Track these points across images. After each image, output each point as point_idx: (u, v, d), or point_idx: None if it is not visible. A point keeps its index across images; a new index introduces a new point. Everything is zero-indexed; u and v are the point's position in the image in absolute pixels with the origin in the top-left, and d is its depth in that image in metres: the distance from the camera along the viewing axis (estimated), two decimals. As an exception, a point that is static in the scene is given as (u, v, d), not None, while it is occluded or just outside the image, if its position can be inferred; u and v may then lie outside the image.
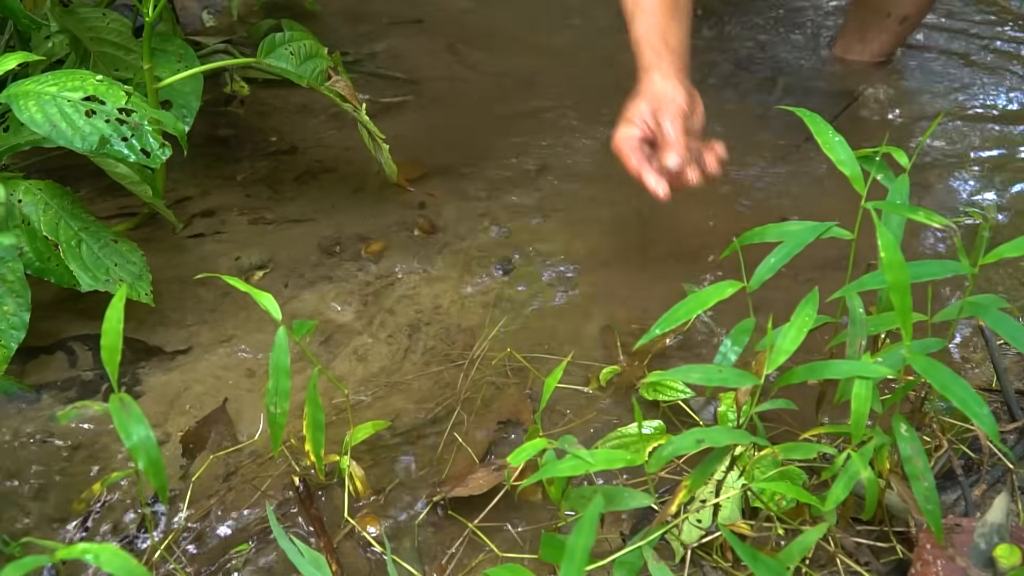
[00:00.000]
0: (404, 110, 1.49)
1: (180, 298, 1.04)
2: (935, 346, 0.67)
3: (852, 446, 0.64)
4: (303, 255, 1.13)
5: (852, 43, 1.62)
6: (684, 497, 0.66)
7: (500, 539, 0.76)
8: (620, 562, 0.64)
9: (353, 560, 0.75)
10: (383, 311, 1.04)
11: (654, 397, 0.87)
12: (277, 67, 1.09)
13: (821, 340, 0.84)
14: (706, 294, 0.70)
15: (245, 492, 0.81)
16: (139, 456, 0.57)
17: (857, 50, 1.62)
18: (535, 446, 0.67)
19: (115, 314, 0.58)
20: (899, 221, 0.71)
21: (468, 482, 0.79)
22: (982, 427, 0.59)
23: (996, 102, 1.51)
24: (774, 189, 1.26)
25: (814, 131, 0.73)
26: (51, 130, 0.86)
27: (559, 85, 1.55)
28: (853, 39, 1.62)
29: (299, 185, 1.28)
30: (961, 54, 1.66)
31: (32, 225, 0.93)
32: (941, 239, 1.16)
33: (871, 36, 1.59)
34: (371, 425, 0.82)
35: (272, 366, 0.69)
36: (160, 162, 0.89)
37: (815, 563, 0.72)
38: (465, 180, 1.29)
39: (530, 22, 1.78)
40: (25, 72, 1.08)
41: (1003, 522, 0.66)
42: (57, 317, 1.00)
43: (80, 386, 0.92)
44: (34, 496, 0.80)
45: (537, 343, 0.99)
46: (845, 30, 1.64)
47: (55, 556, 0.46)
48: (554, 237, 1.17)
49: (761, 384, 0.65)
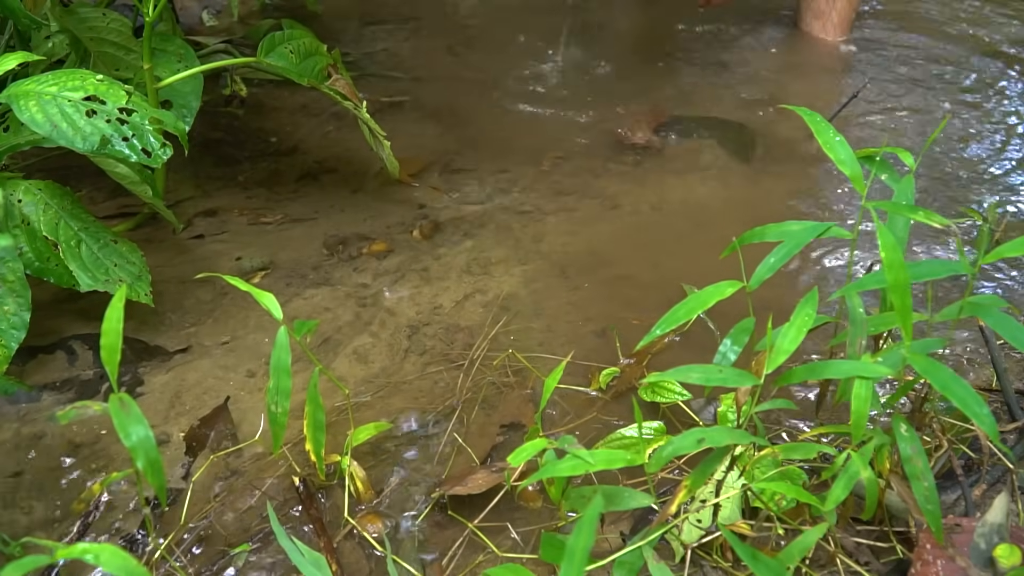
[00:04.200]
0: (404, 109, 1.49)
1: (180, 298, 1.04)
2: (935, 346, 0.67)
3: (852, 446, 0.64)
4: (304, 255, 1.13)
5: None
6: (684, 497, 0.66)
7: (500, 539, 0.76)
8: (620, 562, 0.64)
9: (353, 560, 0.75)
10: (383, 311, 1.04)
11: (652, 399, 0.87)
12: (277, 66, 1.09)
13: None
14: (706, 294, 0.70)
15: (245, 492, 0.81)
16: (138, 456, 0.57)
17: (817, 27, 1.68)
18: (535, 446, 0.67)
19: (115, 314, 0.58)
20: (904, 222, 0.71)
21: (468, 482, 0.79)
22: (982, 427, 0.59)
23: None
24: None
25: (814, 130, 0.72)
26: (52, 130, 0.86)
27: (559, 85, 1.55)
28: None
29: (299, 185, 1.28)
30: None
31: (32, 225, 0.93)
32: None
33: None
34: (373, 426, 0.82)
35: (273, 365, 0.68)
36: (161, 162, 0.89)
37: (815, 563, 0.72)
38: (465, 179, 1.29)
39: (530, 22, 1.78)
40: (25, 72, 1.08)
41: (1003, 522, 0.66)
42: (57, 317, 1.00)
43: (80, 386, 0.92)
44: (34, 496, 0.80)
45: (537, 343, 0.99)
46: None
47: (55, 556, 0.46)
48: (554, 236, 1.17)
49: (761, 384, 0.65)
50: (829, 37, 1.69)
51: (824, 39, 1.69)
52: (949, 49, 1.69)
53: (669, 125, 1.43)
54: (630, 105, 1.48)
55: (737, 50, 1.68)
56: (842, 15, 1.68)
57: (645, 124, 1.41)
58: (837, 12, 1.67)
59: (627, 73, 1.59)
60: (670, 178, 1.30)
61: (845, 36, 1.70)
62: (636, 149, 1.36)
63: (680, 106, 1.50)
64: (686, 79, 1.59)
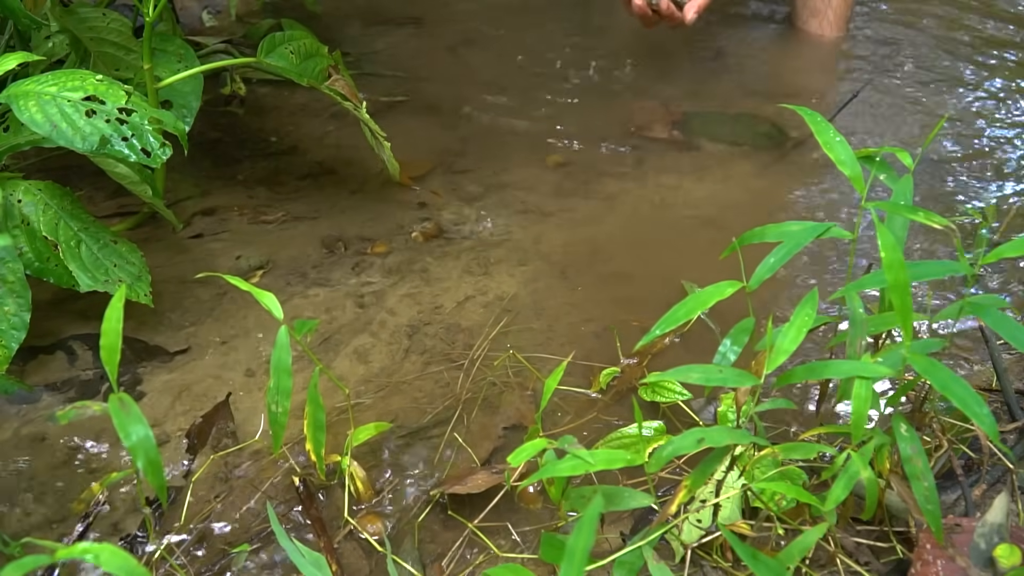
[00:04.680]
0: (404, 109, 1.49)
1: (180, 298, 1.04)
2: (935, 346, 0.67)
3: (852, 446, 0.64)
4: (304, 255, 1.13)
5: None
6: (684, 497, 0.66)
7: (500, 539, 0.76)
8: (620, 562, 0.64)
9: (353, 560, 0.75)
10: (383, 311, 1.04)
11: (652, 398, 0.87)
12: (277, 66, 1.09)
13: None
14: (706, 294, 0.70)
15: (245, 492, 0.81)
16: (138, 456, 0.57)
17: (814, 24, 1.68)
18: (535, 446, 0.67)
19: (114, 314, 0.58)
20: (902, 222, 0.71)
21: (468, 481, 0.79)
22: (982, 427, 0.59)
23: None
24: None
25: (814, 130, 0.72)
26: (51, 130, 0.86)
27: (560, 85, 1.55)
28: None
29: (300, 185, 1.28)
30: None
31: (32, 225, 0.93)
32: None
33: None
34: (373, 426, 0.82)
35: (273, 365, 0.68)
36: (160, 162, 0.89)
37: (815, 563, 0.72)
38: (466, 179, 1.29)
39: (531, 22, 1.78)
40: (25, 72, 1.08)
41: (1003, 522, 0.66)
42: (57, 317, 1.00)
43: (80, 386, 0.92)
44: (34, 496, 0.80)
45: (537, 343, 0.99)
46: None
47: (55, 556, 0.46)
48: (554, 237, 1.17)
49: (761, 384, 0.65)
50: (826, 34, 1.69)
51: (821, 36, 1.69)
52: (949, 47, 1.69)
53: (682, 122, 1.43)
54: (643, 102, 1.48)
55: (734, 48, 1.68)
56: (838, 12, 1.68)
57: (661, 120, 1.41)
58: (833, 10, 1.67)
59: (627, 72, 1.59)
60: (671, 178, 1.30)
61: (842, 33, 1.70)
62: (640, 148, 1.36)
63: (684, 102, 1.50)
64: (685, 76, 1.59)
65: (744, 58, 1.64)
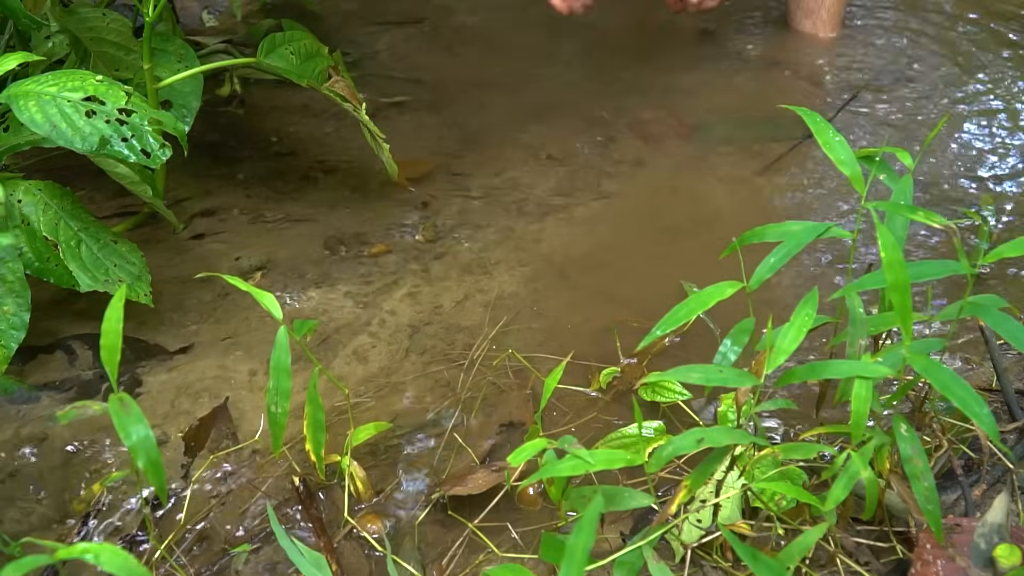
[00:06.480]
0: (404, 110, 1.48)
1: (180, 298, 1.04)
2: (935, 346, 0.67)
3: (852, 446, 0.64)
4: (304, 255, 1.13)
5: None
6: (684, 497, 0.66)
7: (500, 539, 0.76)
8: (620, 562, 0.64)
9: (353, 560, 0.75)
10: (383, 311, 1.04)
11: (652, 398, 0.87)
12: (277, 67, 1.09)
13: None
14: (706, 294, 0.70)
15: (245, 492, 0.81)
16: (138, 456, 0.57)
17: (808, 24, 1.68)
18: (535, 446, 0.67)
19: (114, 314, 0.58)
20: (902, 222, 0.71)
21: (468, 482, 0.79)
22: (982, 427, 0.59)
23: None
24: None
25: (814, 130, 0.72)
26: (51, 130, 0.86)
27: (560, 85, 1.55)
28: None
29: (299, 185, 1.28)
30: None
31: (32, 225, 0.93)
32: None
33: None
34: (373, 426, 0.82)
35: (273, 365, 0.69)
36: (160, 162, 0.89)
37: (815, 563, 0.72)
38: (466, 180, 1.29)
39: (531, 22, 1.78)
40: (25, 72, 1.08)
41: (1003, 522, 0.66)
42: (57, 317, 1.00)
43: (80, 386, 0.92)
44: (34, 496, 0.80)
45: (537, 343, 0.99)
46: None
47: (55, 556, 0.46)
48: (554, 237, 1.17)
49: (761, 384, 0.65)
50: (820, 34, 1.69)
51: (815, 36, 1.69)
52: (948, 45, 1.69)
53: (682, 123, 1.43)
54: (643, 102, 1.48)
55: (730, 48, 1.68)
56: (832, 12, 1.67)
57: (661, 120, 1.42)
58: (826, 9, 1.67)
59: (627, 73, 1.59)
60: (671, 178, 1.30)
61: (836, 33, 1.69)
62: (640, 148, 1.36)
63: (685, 102, 1.50)
64: (686, 76, 1.59)
65: (741, 57, 1.64)
